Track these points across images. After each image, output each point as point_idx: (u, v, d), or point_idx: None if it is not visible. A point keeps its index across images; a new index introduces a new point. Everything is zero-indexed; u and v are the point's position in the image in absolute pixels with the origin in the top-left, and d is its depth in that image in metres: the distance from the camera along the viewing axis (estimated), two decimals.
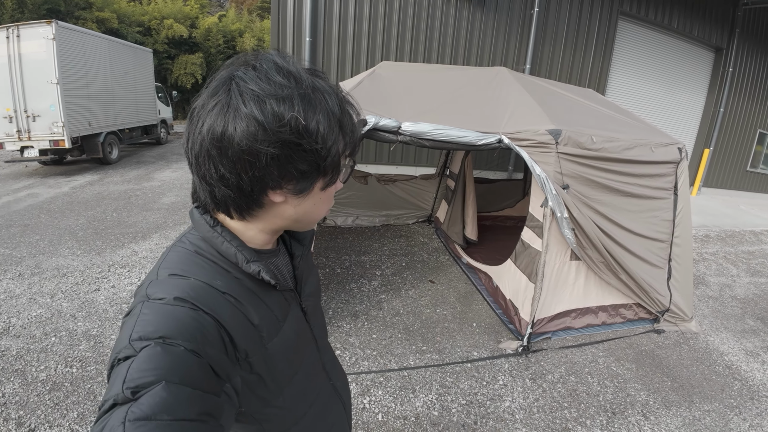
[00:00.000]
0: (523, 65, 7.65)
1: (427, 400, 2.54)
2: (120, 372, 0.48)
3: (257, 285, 0.67)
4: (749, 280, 5.38)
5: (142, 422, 0.43)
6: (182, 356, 0.50)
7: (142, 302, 0.56)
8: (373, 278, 4.12)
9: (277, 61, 0.57)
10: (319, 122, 0.56)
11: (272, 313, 0.68)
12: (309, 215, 0.67)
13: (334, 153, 0.60)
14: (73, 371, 2.60)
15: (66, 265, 3.99)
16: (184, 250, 0.64)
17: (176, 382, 0.47)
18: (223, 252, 0.64)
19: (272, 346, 0.66)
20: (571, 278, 3.28)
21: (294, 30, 6.52)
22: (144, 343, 0.49)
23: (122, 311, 3.26)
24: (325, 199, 0.67)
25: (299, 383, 0.75)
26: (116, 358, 0.50)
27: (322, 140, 0.57)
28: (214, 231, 0.64)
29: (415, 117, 2.91)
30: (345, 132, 0.61)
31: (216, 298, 0.59)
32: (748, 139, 11.55)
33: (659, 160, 3.38)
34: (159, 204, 6.13)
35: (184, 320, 0.53)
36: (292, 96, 0.54)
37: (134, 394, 0.45)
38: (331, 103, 0.58)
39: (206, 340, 0.54)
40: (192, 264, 0.62)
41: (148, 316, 0.53)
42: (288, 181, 0.59)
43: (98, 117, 8.85)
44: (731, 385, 3.06)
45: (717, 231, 7.52)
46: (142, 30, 17.67)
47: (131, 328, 0.52)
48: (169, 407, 0.45)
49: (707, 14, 9.39)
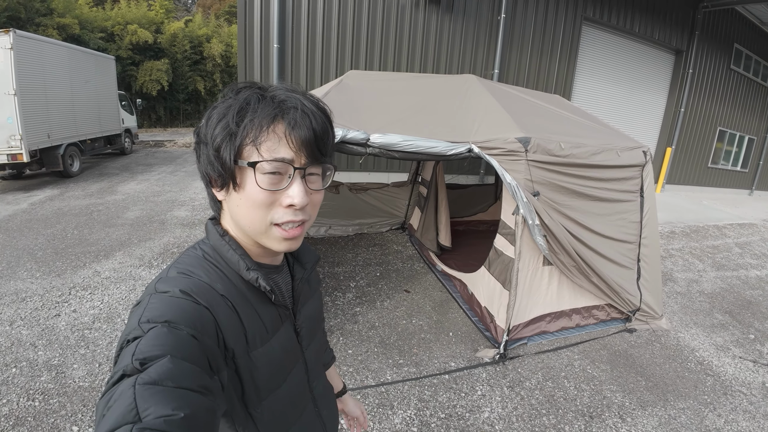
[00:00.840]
0: (491, 70, 7.75)
1: (406, 417, 2.50)
2: (129, 349, 0.53)
3: (254, 296, 0.71)
4: (715, 275, 5.57)
5: (149, 386, 0.48)
6: (185, 338, 0.56)
7: (151, 294, 0.62)
8: (348, 290, 4.06)
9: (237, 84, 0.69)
10: (209, 122, 0.65)
11: (262, 324, 0.72)
12: (239, 218, 0.68)
13: (216, 146, 0.64)
14: (36, 405, 2.45)
15: (25, 288, 3.78)
16: (194, 254, 0.71)
17: (180, 357, 0.53)
18: (228, 259, 0.70)
19: (255, 355, 0.69)
20: (545, 283, 3.31)
21: (261, 36, 6.41)
22: (151, 325, 0.55)
23: (84, 338, 3.10)
24: (245, 204, 0.66)
25: (280, 401, 0.76)
26: (125, 340, 0.55)
27: (211, 137, 0.64)
28: (222, 239, 0.71)
29: (384, 128, 2.87)
30: (235, 134, 0.63)
31: (215, 297, 0.64)
32: (709, 137, 12.03)
33: (625, 163, 3.45)
34: (123, 219, 5.89)
35: (187, 310, 0.59)
36: (210, 107, 0.67)
37: (142, 365, 0.50)
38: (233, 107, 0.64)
39: (204, 330, 0.59)
40: (198, 267, 0.68)
41: (155, 305, 0.59)
42: (215, 177, 0.66)
43: (58, 128, 8.47)
44: (704, 382, 3.13)
45: (682, 227, 7.77)
46: (105, 36, 17.09)
47: (140, 314, 0.58)
48: (174, 376, 0.50)
49: (667, 18, 9.74)
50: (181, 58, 19.32)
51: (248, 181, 0.64)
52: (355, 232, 5.71)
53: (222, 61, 20.50)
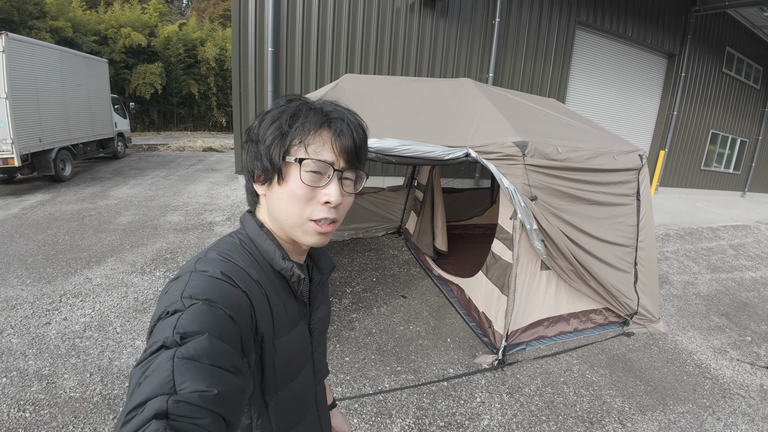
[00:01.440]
0: (486, 74, 7.76)
1: (405, 425, 2.46)
2: (170, 321, 0.55)
3: (282, 287, 0.76)
4: (710, 277, 5.59)
5: (187, 360, 0.50)
6: (223, 318, 0.58)
7: (191, 272, 0.64)
8: (344, 296, 4.01)
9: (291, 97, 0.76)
10: (262, 122, 0.73)
11: (287, 314, 0.76)
12: (277, 211, 0.73)
13: (269, 145, 0.70)
14: (27, 416, 2.39)
15: (15, 296, 3.71)
16: (231, 241, 0.75)
17: (217, 336, 0.55)
18: (263, 249, 0.75)
19: (279, 343, 0.72)
20: (542, 288, 3.29)
21: (256, 40, 6.38)
22: (193, 301, 0.58)
23: (75, 346, 3.04)
24: (287, 198, 0.71)
25: (292, 395, 0.79)
26: (165, 311, 0.57)
27: (262, 135, 0.72)
28: (261, 230, 0.76)
29: (381, 132, 2.85)
30: (286, 134, 0.70)
31: (250, 282, 0.68)
32: (701, 140, 12.13)
33: (622, 167, 3.45)
34: (115, 224, 5.82)
35: (226, 291, 0.62)
36: (267, 111, 0.74)
37: (182, 339, 0.52)
38: (284, 114, 0.71)
39: (241, 312, 0.62)
40: (236, 252, 0.72)
41: (196, 282, 0.62)
42: (259, 173, 0.73)
43: (50, 132, 8.38)
44: (702, 385, 3.12)
45: (676, 229, 7.80)
46: (99, 39, 17.01)
47: (182, 289, 0.60)
48: (210, 354, 0.52)
49: (660, 22, 9.81)
50: (175, 61, 19.25)
51: (292, 177, 0.70)
52: (351, 237, 5.67)
53: (216, 65, 20.45)
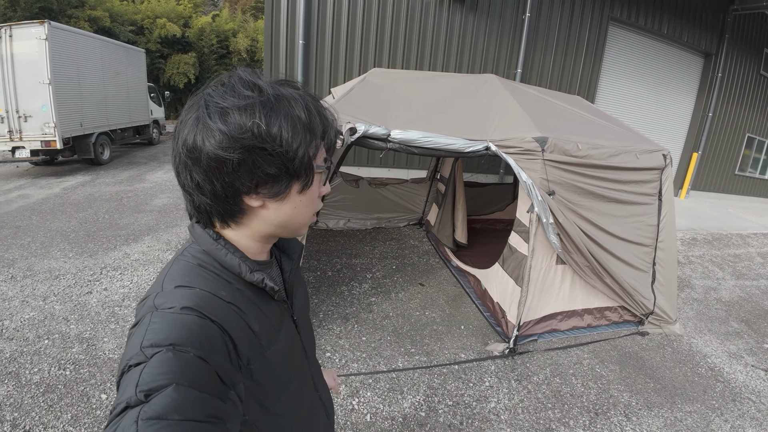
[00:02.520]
0: (514, 70, 7.73)
1: (415, 402, 2.60)
2: (132, 377, 0.50)
3: (256, 295, 0.70)
4: (734, 283, 5.49)
5: (153, 421, 0.46)
6: (192, 362, 0.52)
7: (151, 312, 0.58)
8: (364, 281, 4.17)
9: (242, 75, 0.63)
10: (281, 126, 0.60)
11: (270, 322, 0.71)
12: (292, 220, 0.69)
13: (302, 155, 0.63)
14: (67, 374, 2.62)
15: (58, 267, 4.00)
16: (186, 263, 0.67)
17: (186, 385, 0.50)
18: (226, 263, 0.67)
19: (270, 354, 0.68)
20: (557, 282, 3.35)
21: (287, 32, 6.55)
22: (155, 350, 0.52)
23: (115, 314, 3.29)
24: (306, 203, 0.69)
25: (293, 392, 0.77)
26: (127, 365, 0.52)
27: (287, 143, 0.60)
28: (217, 244, 0.67)
29: (405, 125, 2.96)
30: (314, 134, 0.64)
31: (221, 307, 0.61)
32: (737, 143, 11.72)
33: (644, 166, 3.46)
34: (151, 206, 6.13)
35: (192, 328, 0.55)
36: (254, 105, 0.59)
37: (147, 396, 0.48)
38: (297, 108, 0.62)
39: (213, 347, 0.56)
40: (196, 276, 0.64)
41: (157, 325, 0.55)
42: (262, 185, 0.63)
43: (90, 117, 8.82)
44: (713, 387, 3.13)
45: (704, 234, 7.64)
46: (135, 29, 17.56)
47: (142, 336, 0.54)
48: (179, 408, 0.48)
49: (697, 20, 9.53)
50: (208, 52, 19.69)
51: (315, 182, 0.68)
52: (373, 226, 5.81)
53: (247, 56, 20.81)
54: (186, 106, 0.64)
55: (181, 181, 0.65)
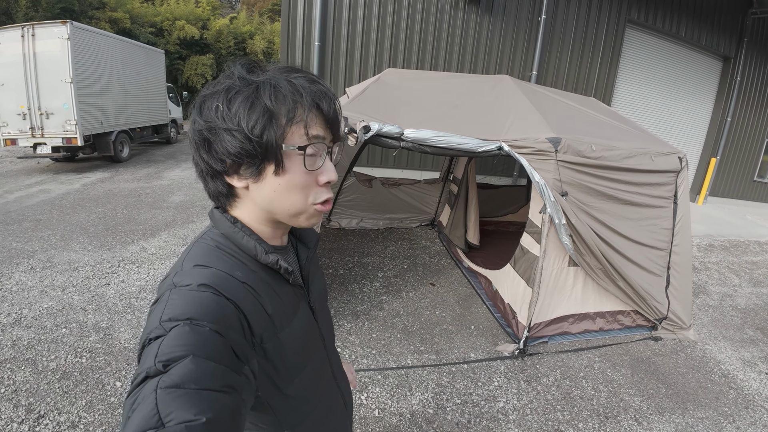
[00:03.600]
0: (529, 72, 7.70)
1: (423, 399, 2.61)
2: (152, 349, 0.52)
3: (272, 278, 0.72)
4: (751, 291, 5.38)
5: (172, 389, 0.48)
6: (208, 335, 0.55)
7: (170, 289, 0.61)
8: (375, 279, 4.20)
9: (233, 67, 0.67)
10: (240, 107, 0.62)
11: (284, 304, 0.73)
12: (275, 203, 0.69)
13: (262, 134, 0.62)
14: (83, 361, 2.69)
15: (77, 259, 4.11)
16: (206, 245, 0.70)
17: (202, 356, 0.52)
18: (243, 246, 0.70)
19: (283, 335, 0.70)
20: (569, 284, 3.33)
21: (303, 34, 6.63)
22: (173, 324, 0.54)
23: (131, 305, 3.36)
24: (287, 186, 0.67)
25: (308, 377, 0.79)
26: (147, 338, 0.55)
27: (246, 123, 0.62)
28: (235, 227, 0.70)
29: (418, 124, 2.98)
30: (277, 112, 0.63)
31: (236, 286, 0.64)
32: (756, 149, 11.49)
33: (659, 169, 3.42)
34: (168, 202, 6.25)
35: (208, 304, 0.58)
36: (220, 91, 0.64)
37: (165, 366, 0.50)
38: (265, 88, 0.63)
39: (228, 323, 0.58)
40: (213, 257, 0.68)
41: (176, 301, 0.58)
42: (237, 165, 0.65)
43: (110, 116, 9.02)
44: (726, 394, 3.08)
45: (721, 240, 7.51)
46: (155, 31, 17.92)
47: (161, 312, 0.57)
48: (196, 378, 0.50)
49: (715, 23, 9.38)
50: (225, 53, 20.00)
51: (293, 164, 0.66)
52: (386, 226, 5.84)
53: (264, 58, 21.05)
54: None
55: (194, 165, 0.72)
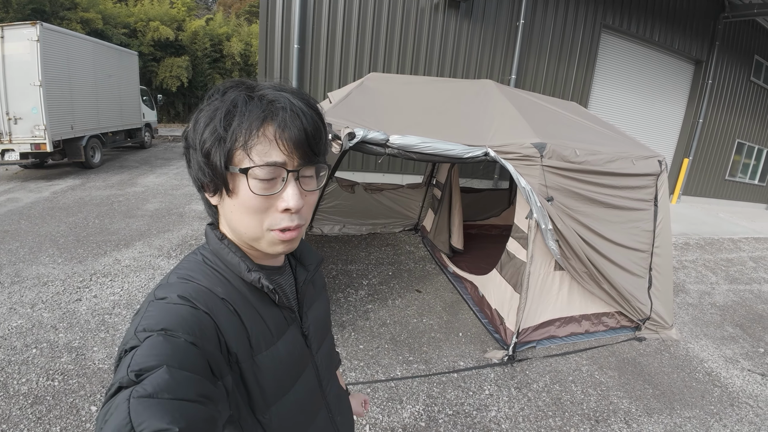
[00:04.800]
0: (508, 76, 7.77)
1: (414, 411, 2.56)
2: (126, 360, 0.52)
3: (257, 298, 0.70)
4: (728, 288, 5.52)
5: (145, 399, 0.47)
6: (182, 346, 0.54)
7: (150, 302, 0.61)
8: (360, 288, 4.13)
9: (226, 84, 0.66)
10: (197, 125, 0.63)
11: (266, 327, 0.70)
12: (234, 224, 0.68)
13: (206, 152, 0.62)
14: (55, 384, 2.55)
15: (47, 273, 3.91)
16: (195, 259, 0.71)
17: (176, 366, 0.51)
18: (228, 262, 0.69)
19: (260, 359, 0.67)
20: (555, 288, 3.34)
21: (282, 37, 6.52)
22: (147, 334, 0.54)
23: (104, 322, 3.21)
24: (239, 209, 0.64)
25: (290, 406, 0.74)
26: (123, 350, 0.54)
27: (200, 141, 0.63)
28: (221, 243, 0.70)
29: (403, 130, 2.93)
30: (224, 131, 0.60)
31: (215, 301, 0.63)
32: (727, 149, 11.88)
33: (640, 172, 3.47)
34: (143, 210, 6.04)
35: (184, 316, 0.58)
36: (201, 109, 0.65)
37: (138, 376, 0.49)
38: (221, 110, 0.61)
39: (204, 335, 0.58)
40: (198, 271, 0.68)
41: (152, 312, 0.58)
42: (206, 182, 0.66)
43: (81, 120, 8.71)
44: (711, 392, 3.13)
45: (696, 239, 7.70)
46: (128, 32, 17.42)
47: (137, 323, 0.57)
48: (170, 387, 0.49)
49: (688, 27, 9.65)
50: (201, 55, 19.60)
51: (241, 187, 0.62)
52: (369, 232, 5.78)
53: (241, 60, 20.76)
54: None
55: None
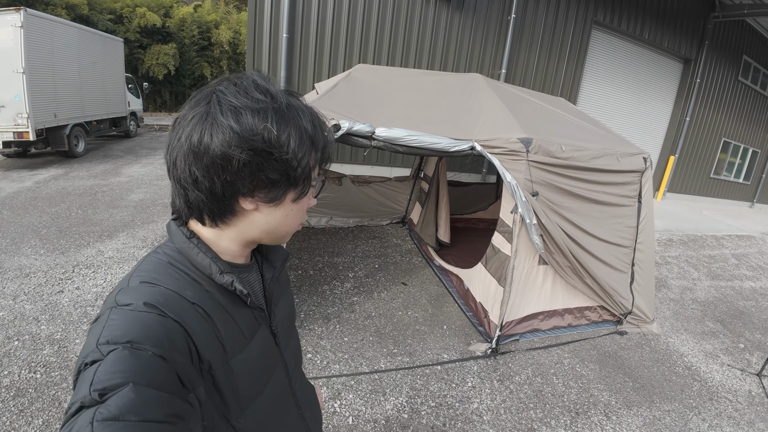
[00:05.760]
0: (498, 70, 7.77)
1: (398, 403, 2.57)
2: (87, 376, 0.48)
3: (227, 299, 0.67)
4: (709, 284, 5.62)
5: (109, 422, 0.43)
6: (150, 360, 0.50)
7: (111, 308, 0.56)
8: (346, 280, 4.13)
9: (257, 80, 0.62)
10: (290, 135, 0.61)
11: (239, 329, 0.68)
12: (280, 227, 0.69)
13: (305, 165, 0.63)
14: (37, 377, 2.51)
15: (29, 265, 3.85)
16: (158, 259, 0.65)
17: (144, 384, 0.48)
18: (197, 263, 0.65)
19: (235, 363, 0.66)
20: (539, 282, 3.37)
21: (271, 25, 6.43)
22: (111, 347, 0.50)
23: (87, 314, 3.17)
24: (296, 212, 0.69)
25: (263, 407, 0.74)
26: (83, 363, 0.50)
27: (293, 152, 0.61)
28: (189, 242, 0.66)
29: (390, 122, 2.92)
30: (317, 148, 0.66)
31: (184, 307, 0.59)
32: (713, 148, 12.05)
33: (625, 169, 3.50)
34: (127, 201, 5.96)
35: (152, 326, 0.54)
36: (266, 110, 0.59)
37: (101, 396, 0.45)
38: (304, 120, 0.63)
39: (174, 346, 0.54)
40: (164, 273, 0.62)
41: (115, 321, 0.53)
42: (260, 189, 0.62)
43: (65, 108, 8.52)
44: (690, 386, 3.20)
45: (680, 235, 7.82)
46: (114, 18, 17.06)
47: (99, 333, 0.52)
48: (137, 408, 0.46)
49: (678, 26, 9.72)
50: (189, 43, 19.28)
51: (309, 192, 0.70)
52: (356, 224, 5.77)
53: (229, 48, 20.45)
54: (192, 101, 0.62)
55: (176, 174, 0.62)
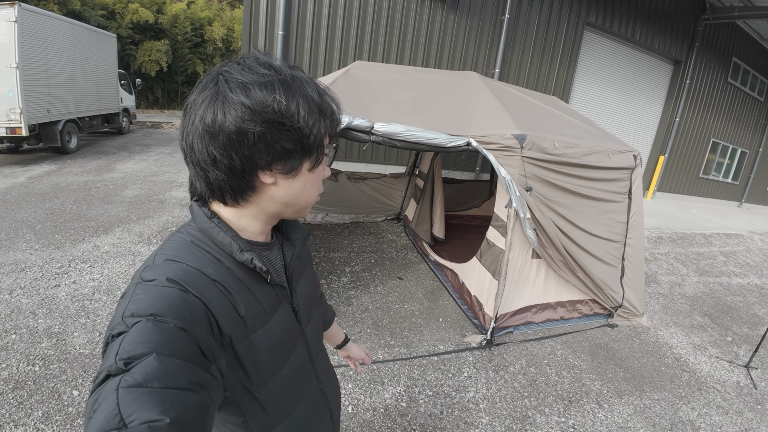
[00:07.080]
0: (492, 69, 7.84)
1: (396, 392, 2.63)
2: (113, 346, 0.51)
3: (248, 277, 0.70)
4: (698, 279, 5.74)
5: (134, 389, 0.46)
6: (172, 332, 0.53)
7: (137, 284, 0.59)
8: (343, 275, 4.17)
9: (259, 57, 0.65)
10: (299, 104, 0.63)
11: (260, 305, 0.71)
12: (300, 198, 0.71)
13: (316, 132, 0.66)
14: (36, 369, 2.52)
15: (24, 259, 3.84)
16: (181, 239, 0.68)
17: (166, 354, 0.50)
18: (219, 241, 0.67)
19: (256, 337, 0.68)
20: (533, 275, 3.44)
21: (267, 22, 6.44)
22: (136, 320, 0.53)
23: (85, 308, 3.18)
24: (313, 182, 0.71)
25: (284, 380, 0.76)
26: (110, 335, 0.53)
27: (303, 120, 0.63)
28: (211, 222, 0.68)
29: (388, 118, 2.97)
30: (325, 116, 0.67)
31: (206, 284, 0.62)
32: (702, 148, 12.24)
33: (616, 166, 3.58)
34: (121, 197, 5.94)
35: (174, 300, 0.56)
36: (273, 82, 0.61)
37: (126, 365, 0.48)
38: (310, 89, 0.65)
39: (195, 320, 0.57)
40: (187, 252, 0.65)
41: (140, 296, 0.56)
42: (277, 160, 0.64)
43: (57, 104, 8.46)
44: (680, 377, 3.28)
45: (669, 233, 7.96)
46: (106, 13, 16.95)
47: (125, 307, 0.55)
48: (160, 376, 0.48)
49: (668, 28, 9.87)
50: (182, 39, 19.19)
51: (323, 161, 0.72)
52: (351, 220, 5.81)
53: (223, 45, 20.38)
54: (199, 86, 0.64)
55: (194, 158, 0.64)
